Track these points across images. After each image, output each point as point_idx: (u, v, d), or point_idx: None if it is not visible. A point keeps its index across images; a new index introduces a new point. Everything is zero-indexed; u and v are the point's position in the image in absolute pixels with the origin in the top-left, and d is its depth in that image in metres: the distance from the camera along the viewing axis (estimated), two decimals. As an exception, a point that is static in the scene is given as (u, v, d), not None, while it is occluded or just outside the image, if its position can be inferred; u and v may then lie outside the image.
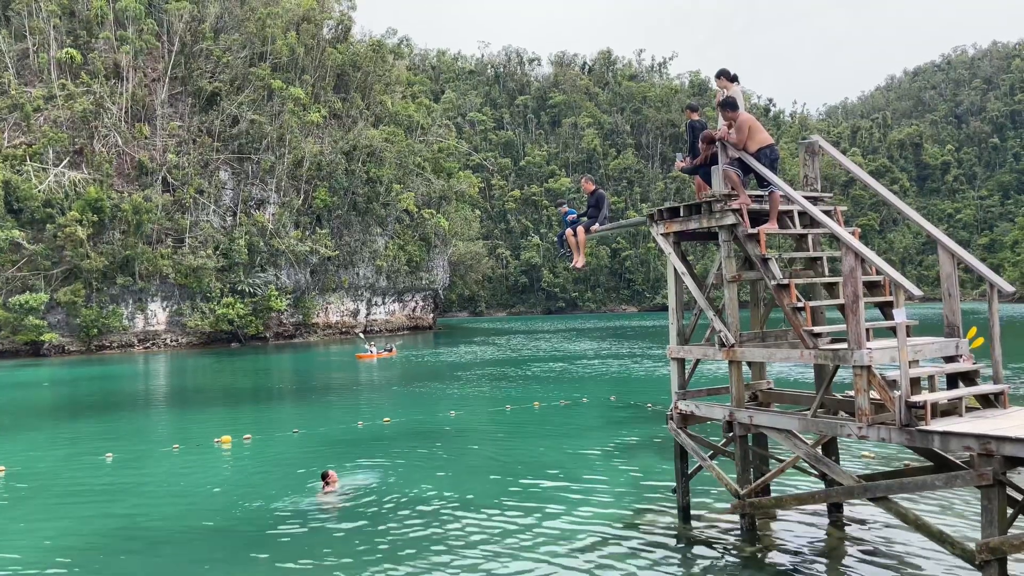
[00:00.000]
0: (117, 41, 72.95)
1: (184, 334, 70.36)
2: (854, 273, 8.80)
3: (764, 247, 10.07)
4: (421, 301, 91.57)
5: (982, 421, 8.39)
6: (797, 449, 9.93)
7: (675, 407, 11.57)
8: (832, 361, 9.29)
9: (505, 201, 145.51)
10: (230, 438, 20.80)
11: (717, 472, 10.97)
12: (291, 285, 75.83)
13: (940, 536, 8.39)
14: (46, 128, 67.37)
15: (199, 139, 73.58)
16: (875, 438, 8.77)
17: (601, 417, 23.13)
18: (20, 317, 60.06)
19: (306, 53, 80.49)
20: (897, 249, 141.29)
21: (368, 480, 15.39)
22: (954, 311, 9.55)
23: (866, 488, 9.09)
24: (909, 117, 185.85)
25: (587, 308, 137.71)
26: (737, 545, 10.65)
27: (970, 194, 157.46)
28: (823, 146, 11.61)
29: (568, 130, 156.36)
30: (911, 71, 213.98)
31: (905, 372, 8.34)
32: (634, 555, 10.49)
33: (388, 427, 22.27)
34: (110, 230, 65.67)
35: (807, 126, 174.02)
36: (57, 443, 21.77)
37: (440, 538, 11.53)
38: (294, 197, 76.74)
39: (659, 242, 11.67)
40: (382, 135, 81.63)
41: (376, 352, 49.89)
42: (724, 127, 10.78)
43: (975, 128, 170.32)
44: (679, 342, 11.60)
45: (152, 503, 14.53)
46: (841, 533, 11.09)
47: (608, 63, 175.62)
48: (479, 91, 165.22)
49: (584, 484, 14.49)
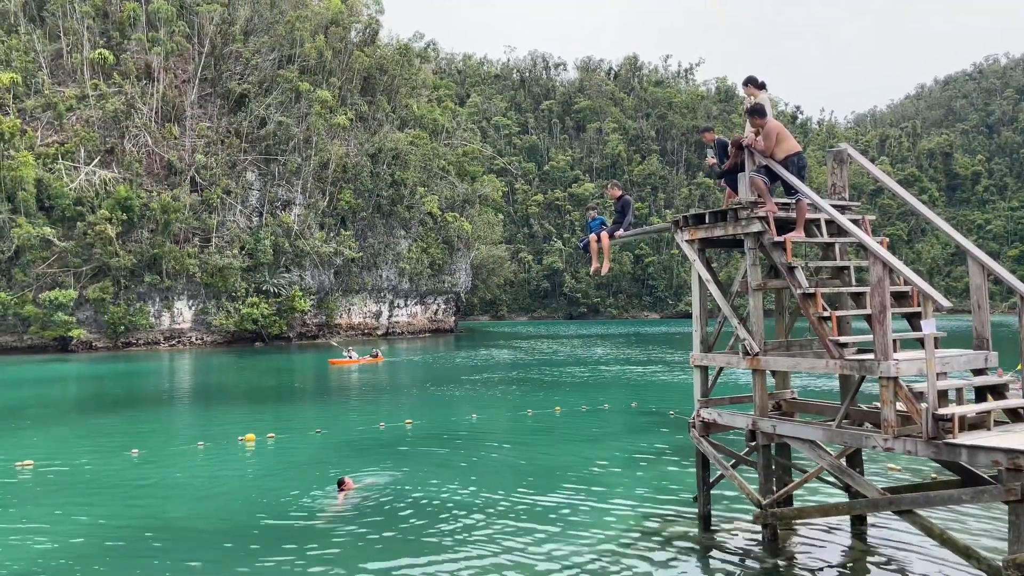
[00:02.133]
0: (149, 43, 74.00)
1: (209, 333, 71.11)
2: (882, 283, 8.73)
3: (790, 255, 10.01)
4: (443, 304, 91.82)
5: (1011, 435, 8.28)
6: (821, 460, 9.84)
7: (697, 415, 11.52)
8: (858, 372, 9.21)
9: (528, 205, 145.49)
10: (254, 436, 20.98)
11: (739, 481, 10.90)
12: (315, 286, 76.37)
13: (966, 551, 8.28)
14: (78, 127, 68.46)
15: (227, 140, 74.40)
16: (901, 450, 8.68)
17: (622, 424, 23.06)
18: (49, 313, 61.04)
19: (334, 56, 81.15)
20: (925, 260, 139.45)
21: (388, 482, 15.46)
22: (983, 323, 9.43)
23: (891, 501, 8.99)
24: (939, 126, 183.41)
25: (609, 314, 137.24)
26: (758, 556, 10.57)
27: (1000, 205, 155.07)
28: (852, 154, 11.51)
29: (593, 135, 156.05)
30: (942, 80, 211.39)
31: (932, 384, 8.25)
32: (653, 563, 10.44)
33: (410, 429, 22.36)
34: (139, 229, 66.57)
35: (835, 134, 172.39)
36: (84, 438, 22.09)
37: (457, 542, 11.56)
38: (319, 199, 77.34)
39: (684, 249, 11.63)
40: (407, 138, 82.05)
41: (358, 358, 47.63)
42: (751, 134, 10.73)
43: (1006, 138, 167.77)
44: (702, 350, 11.55)
45: (177, 500, 14.70)
46: (864, 546, 10.97)
47: (634, 68, 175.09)
48: (504, 95, 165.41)
49: (604, 491, 14.46)
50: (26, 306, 61.02)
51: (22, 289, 61.94)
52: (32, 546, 11.78)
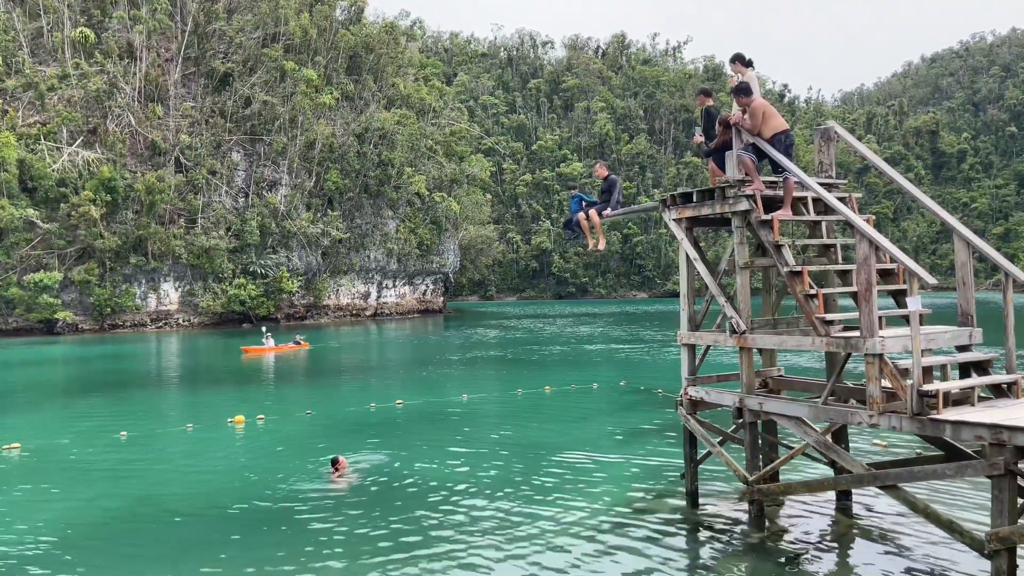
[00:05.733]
0: (131, 21, 72.91)
1: (196, 314, 70.80)
2: (868, 261, 8.77)
3: (777, 233, 10.04)
4: (431, 284, 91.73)
5: (994, 411, 8.38)
6: (807, 436, 9.94)
7: (685, 393, 11.59)
8: (844, 349, 9.28)
9: (516, 185, 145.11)
10: (243, 418, 20.96)
11: (726, 458, 11.00)
12: (302, 267, 76.07)
13: (949, 525, 8.40)
14: (60, 107, 67.59)
15: (212, 120, 73.66)
16: (886, 426, 8.77)
17: (611, 402, 23.19)
18: (34, 295, 60.55)
19: (319, 34, 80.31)
20: (911, 237, 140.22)
21: (380, 462, 15.51)
22: (968, 300, 9.51)
23: (875, 476, 9.10)
24: (925, 104, 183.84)
25: (597, 294, 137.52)
26: (745, 531, 10.69)
27: (986, 183, 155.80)
28: (839, 132, 11.53)
29: (581, 114, 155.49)
30: (928, 58, 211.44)
31: (918, 361, 8.33)
32: (642, 540, 10.54)
33: (401, 410, 22.40)
34: (123, 210, 65.98)
35: (822, 112, 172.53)
36: (72, 421, 22.00)
37: (448, 522, 11.63)
38: (306, 179, 76.85)
39: (672, 228, 11.64)
40: (394, 118, 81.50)
41: (276, 345, 43.59)
42: (739, 112, 10.71)
43: (992, 116, 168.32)
44: (690, 328, 11.60)
45: (166, 482, 14.70)
46: (849, 520, 11.12)
47: (622, 47, 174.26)
48: (491, 74, 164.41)
49: (593, 468, 14.57)
50: (11, 288, 60.50)
51: (6, 271, 61.36)
52: (19, 529, 11.75)
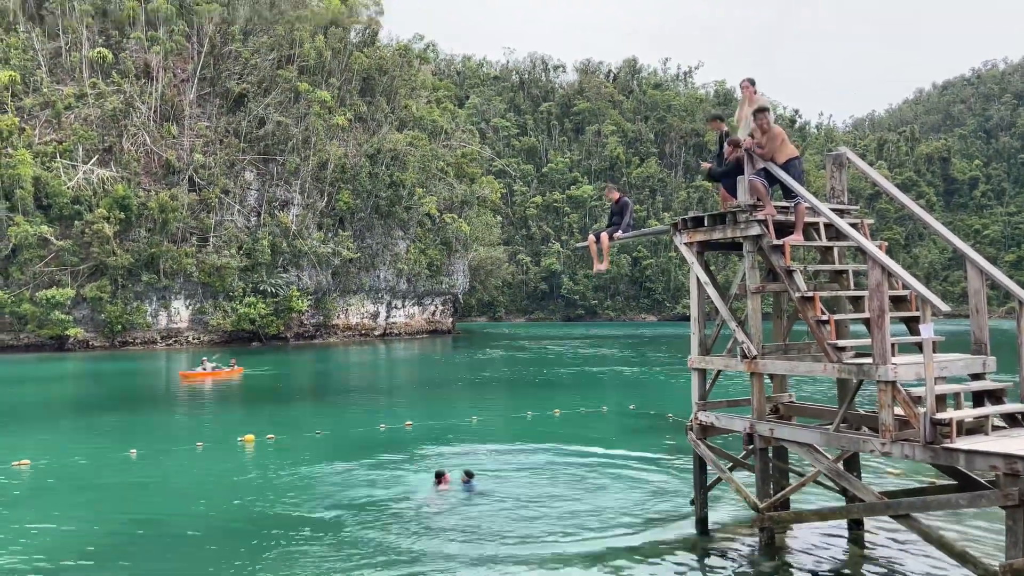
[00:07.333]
0: (148, 41, 73.93)
1: (206, 332, 71.01)
2: (880, 287, 8.74)
3: (789, 259, 10.02)
4: (441, 305, 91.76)
5: (1008, 440, 8.30)
6: (819, 463, 9.86)
7: (695, 418, 11.53)
8: (856, 376, 9.22)
9: (527, 207, 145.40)
10: (253, 437, 20.93)
11: (736, 484, 10.91)
12: (312, 286, 76.28)
13: (963, 556, 8.30)
14: (76, 126, 68.36)
15: (226, 140, 74.34)
16: (899, 455, 8.69)
17: (620, 426, 23.07)
18: (46, 311, 60.91)
19: (333, 56, 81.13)
20: (922, 264, 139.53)
21: (394, 483, 15.45)
22: (982, 327, 9.46)
23: (888, 505, 9.01)
24: (937, 131, 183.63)
25: (606, 316, 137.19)
26: (755, 559, 10.58)
27: (998, 210, 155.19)
28: (850, 158, 11.54)
29: (591, 137, 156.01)
30: (940, 85, 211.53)
31: (931, 388, 8.27)
32: (650, 566, 10.45)
33: (410, 431, 22.33)
34: (136, 228, 66.48)
35: (833, 138, 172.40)
36: (82, 438, 22.04)
37: (454, 541, 11.55)
38: (318, 199, 77.30)
39: (682, 251, 11.63)
40: (406, 139, 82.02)
41: (211, 370, 40.20)
42: (749, 137, 10.75)
43: (1004, 143, 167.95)
44: (700, 352, 11.55)
45: (176, 501, 14.67)
46: (860, 550, 10.98)
47: (633, 71, 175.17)
48: (503, 97, 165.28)
49: (602, 493, 14.47)
50: (23, 304, 60.90)
51: (19, 287, 61.83)
52: (29, 546, 11.74)
